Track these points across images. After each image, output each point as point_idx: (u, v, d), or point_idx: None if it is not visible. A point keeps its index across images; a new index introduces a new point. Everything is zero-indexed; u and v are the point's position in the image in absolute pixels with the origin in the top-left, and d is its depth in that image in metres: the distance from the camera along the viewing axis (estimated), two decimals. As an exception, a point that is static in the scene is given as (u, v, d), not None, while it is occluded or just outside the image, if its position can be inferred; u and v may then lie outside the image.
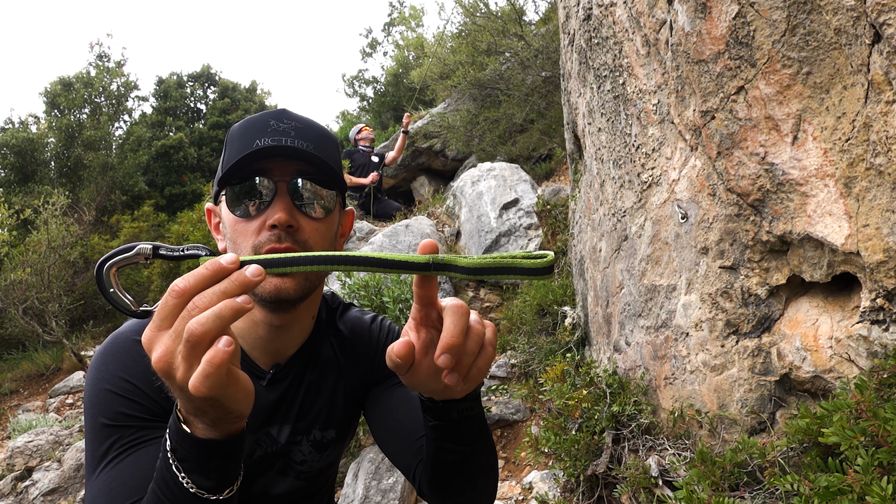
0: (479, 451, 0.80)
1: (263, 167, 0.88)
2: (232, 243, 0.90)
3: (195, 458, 0.61)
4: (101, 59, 11.16)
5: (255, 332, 0.96)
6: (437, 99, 9.30)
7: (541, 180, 6.14)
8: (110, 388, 0.84)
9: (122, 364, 0.86)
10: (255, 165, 0.87)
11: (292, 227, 0.86)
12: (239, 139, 0.90)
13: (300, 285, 0.88)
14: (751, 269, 1.76)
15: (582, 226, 3.23)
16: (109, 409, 0.82)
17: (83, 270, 7.92)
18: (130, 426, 0.82)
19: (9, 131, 10.03)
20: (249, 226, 0.87)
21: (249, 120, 0.93)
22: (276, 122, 0.90)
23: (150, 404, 0.84)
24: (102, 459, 0.80)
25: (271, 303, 0.88)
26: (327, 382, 1.05)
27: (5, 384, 6.20)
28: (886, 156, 1.32)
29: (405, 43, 13.29)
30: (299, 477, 1.03)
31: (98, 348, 0.90)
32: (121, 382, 0.84)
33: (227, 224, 0.91)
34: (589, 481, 2.28)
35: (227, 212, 0.90)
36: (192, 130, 12.62)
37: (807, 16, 1.41)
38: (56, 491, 3.67)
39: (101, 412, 0.83)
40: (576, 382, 2.57)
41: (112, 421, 0.82)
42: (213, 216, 1.00)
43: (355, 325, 1.12)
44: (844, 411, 1.33)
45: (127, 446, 0.81)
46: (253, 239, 0.86)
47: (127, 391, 0.84)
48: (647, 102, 2.14)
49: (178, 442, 0.61)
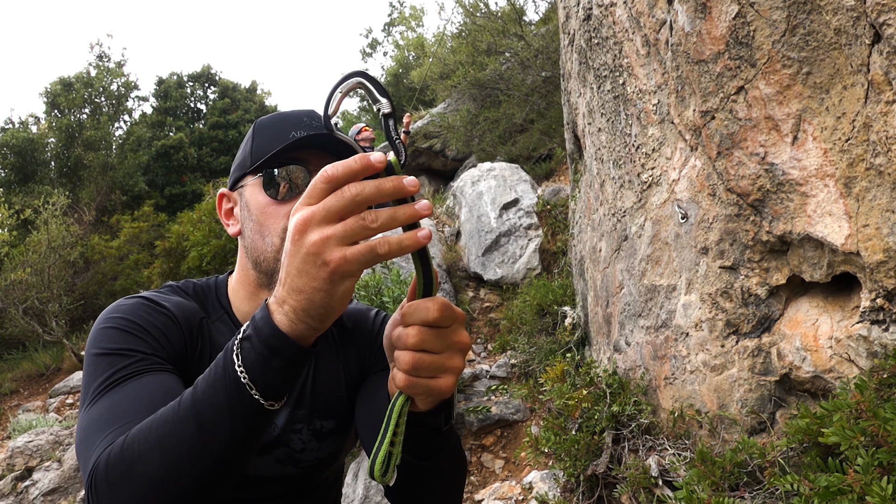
0: (439, 466, 0.79)
1: (300, 156, 0.92)
2: (258, 225, 0.93)
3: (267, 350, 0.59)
4: (101, 60, 11.18)
5: None
6: (437, 99, 9.31)
7: (541, 180, 6.14)
8: (114, 326, 0.83)
9: (130, 311, 0.86)
10: (292, 154, 0.92)
11: None
12: (272, 130, 0.94)
13: None
14: (751, 269, 1.76)
15: (582, 226, 3.23)
16: (112, 342, 0.80)
17: (83, 270, 7.93)
18: (133, 355, 0.79)
19: (9, 131, 10.03)
20: (281, 209, 0.91)
21: (280, 114, 0.98)
22: (309, 119, 0.96)
23: (152, 341, 0.83)
24: (101, 385, 0.75)
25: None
26: (326, 370, 1.06)
27: (5, 384, 6.20)
28: (886, 156, 1.32)
29: (405, 43, 13.30)
30: (298, 465, 1.03)
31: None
32: (128, 322, 0.83)
33: (253, 207, 0.94)
34: (589, 481, 2.28)
35: (257, 194, 0.93)
36: (192, 130, 12.63)
37: (807, 16, 1.41)
38: (56, 491, 3.67)
39: (103, 345, 0.80)
40: (576, 382, 2.57)
41: (114, 351, 0.79)
42: (227, 201, 1.02)
43: (355, 314, 1.14)
44: (844, 411, 1.33)
45: (130, 373, 0.77)
46: (284, 221, 0.89)
47: (131, 327, 0.83)
48: (647, 102, 2.14)
49: (257, 330, 0.59)
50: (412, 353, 0.62)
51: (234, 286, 1.01)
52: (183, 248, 6.11)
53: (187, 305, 0.94)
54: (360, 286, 3.72)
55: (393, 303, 3.52)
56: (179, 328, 0.90)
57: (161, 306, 0.90)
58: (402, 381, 0.63)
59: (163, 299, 0.92)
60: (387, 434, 0.63)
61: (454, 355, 0.65)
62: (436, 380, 0.64)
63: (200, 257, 5.76)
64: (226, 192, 1.02)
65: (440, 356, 0.64)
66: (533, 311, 3.81)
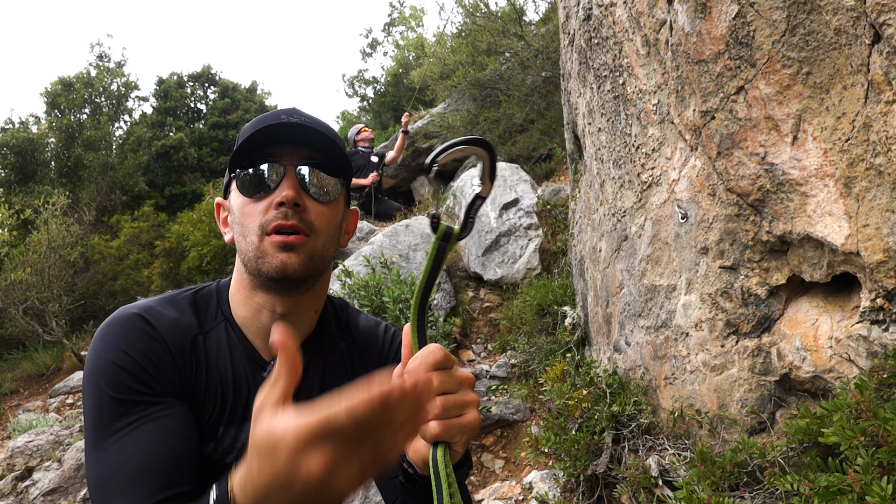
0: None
1: (273, 152, 0.91)
2: (240, 227, 0.93)
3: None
4: (101, 60, 11.18)
5: (257, 320, 0.97)
6: (437, 99, 9.30)
7: (541, 180, 6.14)
8: (112, 359, 0.85)
9: (124, 336, 0.87)
10: (266, 150, 0.91)
11: (299, 206, 0.90)
12: (251, 130, 0.94)
13: (304, 263, 0.90)
14: (751, 269, 1.76)
15: (582, 226, 3.23)
16: (112, 380, 0.83)
17: (83, 270, 7.93)
18: (131, 400, 0.83)
19: (9, 131, 10.03)
20: (257, 206, 0.90)
21: (261, 115, 0.97)
22: (287, 116, 0.94)
23: (149, 379, 0.85)
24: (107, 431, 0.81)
25: (277, 280, 0.90)
26: (333, 381, 1.05)
27: (5, 384, 6.20)
28: (886, 156, 1.32)
29: (405, 43, 13.30)
30: None
31: (103, 322, 0.91)
32: (122, 355, 0.85)
33: (235, 209, 0.94)
34: (589, 481, 2.28)
35: (237, 196, 0.93)
36: (192, 130, 12.63)
37: (807, 16, 1.41)
38: (56, 491, 3.67)
39: (104, 381, 0.84)
40: (576, 382, 2.57)
41: (116, 393, 0.83)
42: (222, 210, 1.03)
43: (365, 331, 1.13)
44: (844, 411, 1.33)
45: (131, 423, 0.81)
46: (260, 218, 0.89)
47: (127, 364, 0.85)
48: (647, 102, 2.14)
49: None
50: (438, 398, 0.65)
51: (232, 291, 1.01)
52: (183, 248, 6.11)
53: (181, 324, 0.94)
54: (360, 286, 3.72)
55: (393, 303, 3.52)
56: (171, 357, 0.90)
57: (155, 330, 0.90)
58: (437, 428, 0.64)
59: (157, 318, 0.91)
60: (442, 489, 0.62)
61: (467, 391, 0.68)
62: (464, 417, 0.66)
63: (200, 257, 5.76)
64: (220, 201, 1.03)
65: (459, 394, 0.66)
66: (533, 311, 3.81)
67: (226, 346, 0.97)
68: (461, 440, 0.67)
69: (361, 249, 5.07)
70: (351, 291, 3.72)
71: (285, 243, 0.87)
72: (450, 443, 0.67)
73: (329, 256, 0.96)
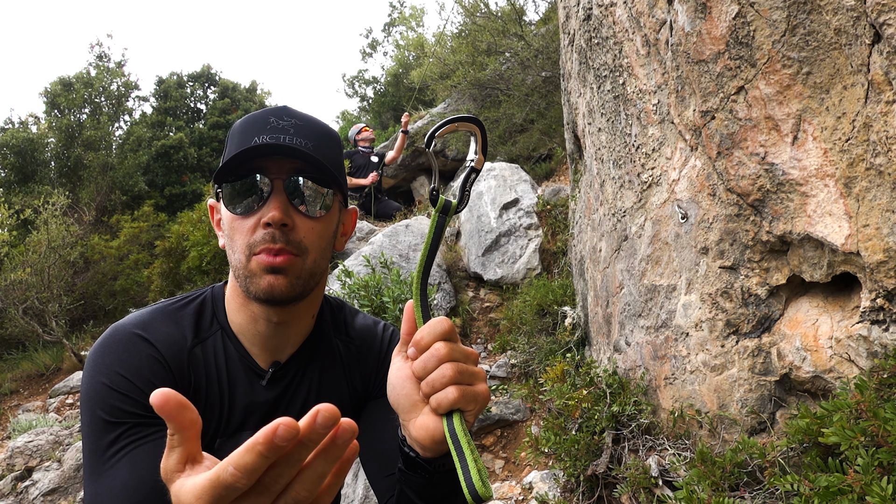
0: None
1: (260, 165, 0.87)
2: (229, 240, 0.90)
3: None
4: (101, 60, 11.17)
5: (253, 328, 0.96)
6: (437, 99, 9.30)
7: (541, 180, 6.14)
8: (106, 382, 0.84)
9: (118, 357, 0.86)
10: (253, 163, 0.87)
11: (287, 225, 0.87)
12: (239, 136, 0.90)
13: (292, 285, 0.88)
14: (751, 269, 1.76)
15: (582, 226, 3.23)
16: (106, 404, 0.83)
17: (83, 270, 7.93)
18: (126, 423, 0.83)
19: (9, 131, 10.03)
20: (245, 223, 0.87)
21: (251, 116, 0.93)
22: (276, 119, 0.90)
23: (144, 399, 0.84)
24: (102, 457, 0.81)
25: (265, 301, 0.89)
26: (330, 386, 1.04)
27: (5, 384, 6.20)
28: (886, 156, 1.32)
29: (405, 43, 13.29)
30: None
31: (97, 340, 0.90)
32: (116, 377, 0.84)
33: (224, 220, 0.92)
34: (589, 481, 2.28)
35: (225, 209, 0.91)
36: (193, 130, 12.62)
37: (807, 16, 1.41)
38: (56, 491, 3.67)
39: (98, 406, 0.83)
40: (576, 382, 2.57)
41: (110, 416, 0.82)
42: (216, 213, 1.00)
43: (363, 331, 1.11)
44: (844, 411, 1.33)
45: (125, 446, 0.81)
46: (248, 237, 0.87)
47: (122, 386, 0.84)
48: (647, 102, 2.14)
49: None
50: (451, 364, 0.64)
51: (228, 297, 0.99)
52: (183, 248, 6.11)
53: (176, 338, 0.93)
54: (360, 286, 3.72)
55: (393, 302, 3.52)
56: (169, 373, 0.89)
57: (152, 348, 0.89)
58: (455, 393, 0.63)
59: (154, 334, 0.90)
60: (464, 454, 0.62)
61: (472, 364, 0.67)
62: (476, 386, 0.66)
63: (200, 257, 5.76)
64: (213, 203, 1.00)
65: (467, 364, 0.66)
66: (533, 311, 3.81)
67: (222, 355, 0.96)
68: (474, 410, 0.66)
69: (361, 249, 5.07)
70: (351, 291, 3.72)
71: (272, 266, 0.85)
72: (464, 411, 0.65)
73: (322, 269, 0.94)
